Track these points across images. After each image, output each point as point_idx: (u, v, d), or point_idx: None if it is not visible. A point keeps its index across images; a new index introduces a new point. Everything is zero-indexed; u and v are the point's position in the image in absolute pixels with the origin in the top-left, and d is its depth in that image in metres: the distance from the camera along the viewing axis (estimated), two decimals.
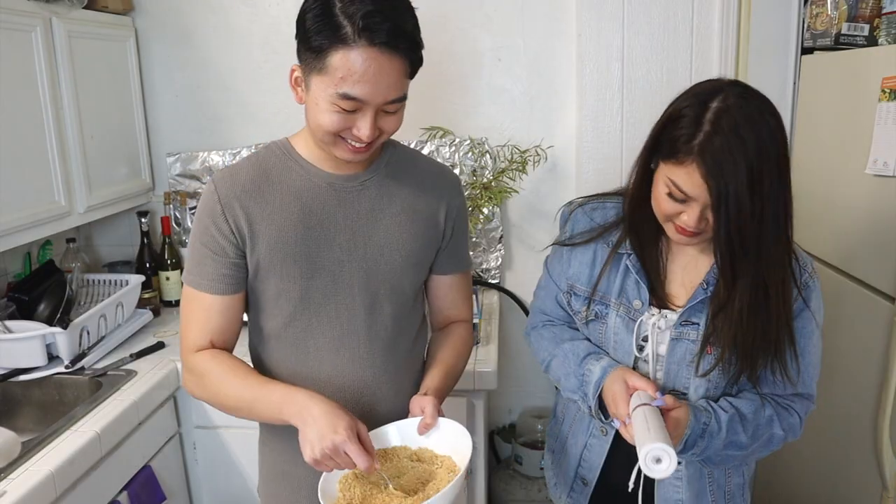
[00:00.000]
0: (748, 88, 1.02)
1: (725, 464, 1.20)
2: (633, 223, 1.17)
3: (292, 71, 1.05)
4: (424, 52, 1.04)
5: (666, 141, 1.03)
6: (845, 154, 1.66)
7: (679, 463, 1.17)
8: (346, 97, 0.98)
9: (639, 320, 1.16)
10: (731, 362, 1.10)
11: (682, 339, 1.14)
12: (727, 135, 0.96)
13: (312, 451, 0.99)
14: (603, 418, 1.17)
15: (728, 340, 1.09)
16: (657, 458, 0.95)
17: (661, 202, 1.07)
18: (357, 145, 1.04)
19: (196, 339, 1.13)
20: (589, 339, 1.25)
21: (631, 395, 1.08)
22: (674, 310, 1.16)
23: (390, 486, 1.04)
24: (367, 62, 0.95)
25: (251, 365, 1.20)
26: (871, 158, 1.52)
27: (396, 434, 1.13)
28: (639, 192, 1.13)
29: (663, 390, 1.15)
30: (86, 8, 1.93)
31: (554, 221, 1.35)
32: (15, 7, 1.66)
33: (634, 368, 1.18)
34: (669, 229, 1.09)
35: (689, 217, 1.03)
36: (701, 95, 1.02)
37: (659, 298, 1.17)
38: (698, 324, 1.13)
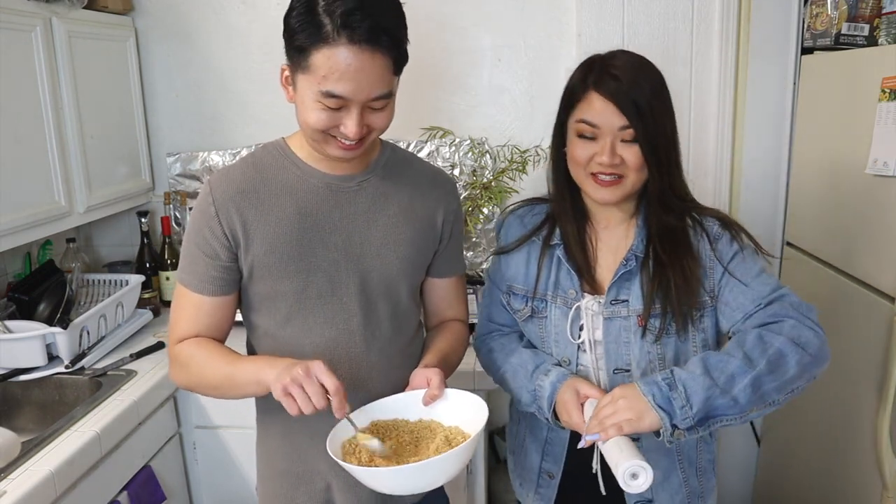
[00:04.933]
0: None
1: (769, 397, 1.06)
2: (559, 211, 1.23)
3: (282, 70, 1.06)
4: (425, 52, 1.05)
5: (566, 100, 1.16)
6: (845, 154, 1.66)
7: (636, 439, 1.15)
8: (329, 95, 0.98)
9: (574, 307, 1.19)
10: (668, 314, 1.14)
11: (614, 317, 1.18)
12: (618, 70, 1.10)
13: (283, 377, 0.97)
14: (561, 428, 1.19)
15: (660, 288, 1.14)
16: (633, 474, 0.98)
17: (576, 151, 1.14)
18: (346, 142, 1.04)
19: (183, 334, 1.14)
20: (531, 342, 1.27)
21: (583, 404, 1.12)
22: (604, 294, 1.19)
23: (357, 433, 1.03)
24: (347, 60, 0.96)
25: None
26: (871, 158, 1.52)
27: (397, 405, 1.12)
28: (556, 160, 1.21)
29: (607, 370, 1.19)
30: (86, 8, 1.93)
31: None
32: (15, 7, 1.66)
33: (578, 357, 1.20)
34: (589, 186, 1.15)
35: (602, 151, 1.10)
36: (587, 60, 1.17)
37: (591, 285, 1.20)
38: (627, 300, 1.17)
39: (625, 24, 2.02)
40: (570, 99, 1.15)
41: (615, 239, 1.22)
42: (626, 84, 1.09)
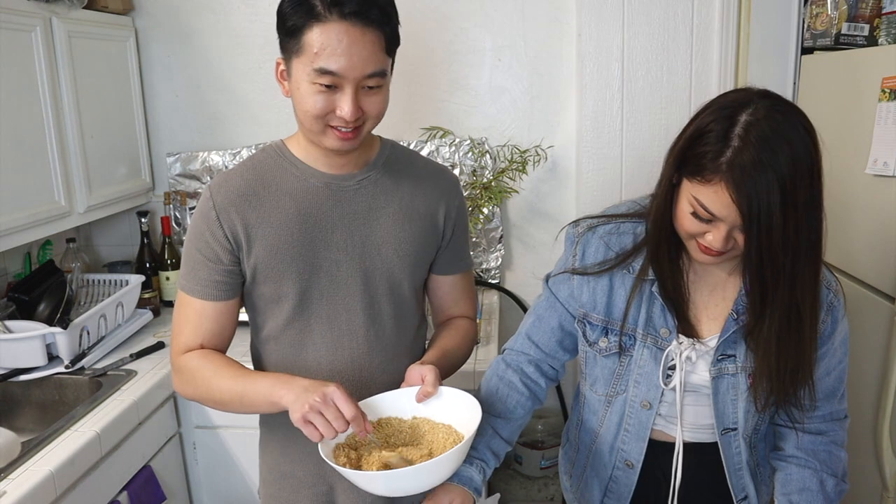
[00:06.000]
0: (779, 99, 0.96)
1: None
2: (655, 245, 1.08)
3: (277, 65, 1.07)
4: (426, 52, 1.05)
5: (691, 157, 0.96)
6: (845, 154, 1.66)
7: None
8: (323, 72, 0.99)
9: (667, 350, 1.10)
10: (767, 390, 1.06)
11: (722, 375, 1.09)
12: (758, 149, 0.90)
13: (301, 406, 0.96)
14: None
15: (763, 370, 1.05)
16: None
17: (684, 221, 1.00)
18: (343, 129, 1.04)
19: (187, 343, 1.13)
20: (594, 378, 1.20)
21: None
22: (701, 339, 1.10)
23: (382, 451, 1.03)
24: (340, 35, 0.97)
25: (250, 366, 1.19)
26: (871, 158, 1.52)
27: (391, 402, 1.11)
28: (663, 211, 1.04)
29: (716, 427, 1.12)
30: (86, 8, 1.93)
31: (556, 241, 1.25)
32: (15, 7, 1.66)
33: (660, 402, 1.13)
34: (692, 247, 1.03)
35: (714, 238, 0.97)
36: (728, 108, 0.95)
37: (685, 326, 1.10)
38: (735, 355, 1.09)
39: (625, 24, 2.02)
40: (694, 162, 0.96)
41: (714, 276, 1.11)
42: (758, 177, 0.90)
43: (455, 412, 1.09)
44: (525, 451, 2.21)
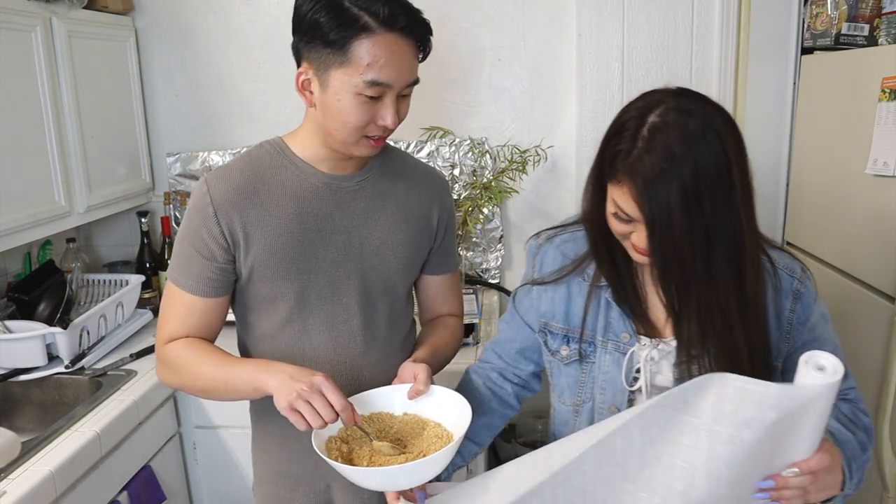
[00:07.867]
0: (696, 99, 0.94)
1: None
2: (598, 249, 1.07)
3: (299, 75, 1.05)
4: None
5: (608, 156, 0.96)
6: (845, 154, 1.66)
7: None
8: (373, 83, 1.00)
9: (629, 353, 1.08)
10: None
11: (684, 377, 1.07)
12: (660, 156, 0.89)
13: (288, 394, 0.95)
14: None
15: (704, 369, 1.02)
16: (820, 366, 0.81)
17: (610, 221, 1.00)
18: (379, 136, 1.06)
19: (172, 333, 1.12)
20: (562, 388, 1.18)
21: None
22: (664, 338, 1.08)
23: (373, 441, 1.03)
24: (391, 47, 0.99)
25: None
26: (871, 158, 1.52)
27: (383, 398, 1.11)
28: (595, 211, 1.03)
29: None
30: (86, 8, 1.93)
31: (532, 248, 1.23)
32: (15, 7, 1.66)
33: (630, 404, 1.11)
34: (628, 248, 1.02)
35: (637, 238, 0.96)
36: (644, 108, 0.93)
37: (645, 326, 1.09)
38: (698, 356, 1.07)
39: (625, 24, 2.02)
40: (610, 161, 0.95)
41: None
42: (657, 181, 0.89)
43: (445, 410, 1.09)
44: (525, 451, 2.21)
